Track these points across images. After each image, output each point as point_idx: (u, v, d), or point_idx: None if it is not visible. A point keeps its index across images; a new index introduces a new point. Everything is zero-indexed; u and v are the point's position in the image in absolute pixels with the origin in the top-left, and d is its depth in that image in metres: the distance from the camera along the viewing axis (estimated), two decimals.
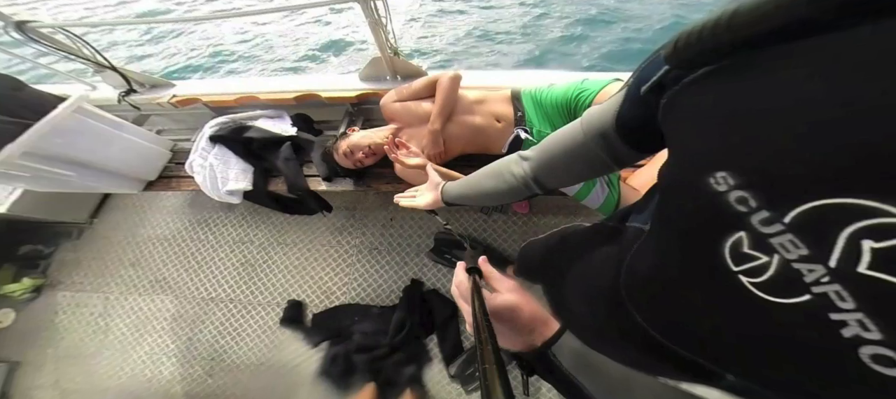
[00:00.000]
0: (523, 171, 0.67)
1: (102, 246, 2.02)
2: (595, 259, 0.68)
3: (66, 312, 1.90)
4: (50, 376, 1.78)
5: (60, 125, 1.40)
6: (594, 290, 0.65)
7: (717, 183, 0.29)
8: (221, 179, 1.67)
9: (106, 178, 1.65)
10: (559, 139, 0.61)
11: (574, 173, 0.63)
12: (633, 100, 0.44)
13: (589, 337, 0.79)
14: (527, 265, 1.23)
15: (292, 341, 1.74)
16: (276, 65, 4.53)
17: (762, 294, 0.29)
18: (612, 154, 0.52)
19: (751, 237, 0.29)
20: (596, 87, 1.32)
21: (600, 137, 0.52)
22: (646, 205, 0.55)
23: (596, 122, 0.53)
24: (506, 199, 0.76)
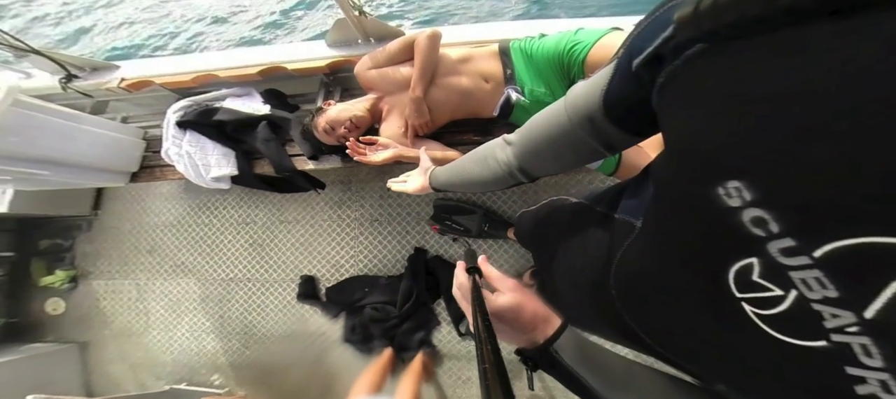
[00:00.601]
0: (507, 157, 0.60)
1: (115, 236, 2.05)
2: (582, 245, 0.64)
3: (107, 299, 2.04)
4: (115, 353, 2.01)
5: (4, 123, 1.26)
6: (580, 276, 0.63)
7: (728, 195, 0.24)
8: (203, 167, 1.57)
9: (84, 174, 1.58)
10: (542, 123, 0.53)
11: (562, 161, 0.55)
12: (623, 75, 0.37)
13: (573, 317, 0.80)
14: (520, 235, 1.20)
15: (314, 314, 1.85)
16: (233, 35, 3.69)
17: (768, 328, 0.26)
18: (602, 139, 0.45)
19: (764, 265, 0.24)
20: (590, 39, 1.11)
21: (587, 121, 0.44)
22: (638, 191, 0.49)
23: (581, 103, 0.45)
24: (492, 187, 0.69)
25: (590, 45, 1.11)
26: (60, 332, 2.08)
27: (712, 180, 0.24)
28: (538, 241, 0.90)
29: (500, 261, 1.75)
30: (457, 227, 1.77)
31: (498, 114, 1.32)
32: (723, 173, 0.24)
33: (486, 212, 1.75)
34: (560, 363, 0.42)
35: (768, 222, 0.23)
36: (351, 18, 1.32)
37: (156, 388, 1.94)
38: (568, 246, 0.68)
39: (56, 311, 2.07)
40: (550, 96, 1.22)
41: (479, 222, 1.74)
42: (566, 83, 1.21)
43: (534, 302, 0.47)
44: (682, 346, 0.38)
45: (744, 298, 0.26)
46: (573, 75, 1.18)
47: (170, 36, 3.92)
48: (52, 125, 1.42)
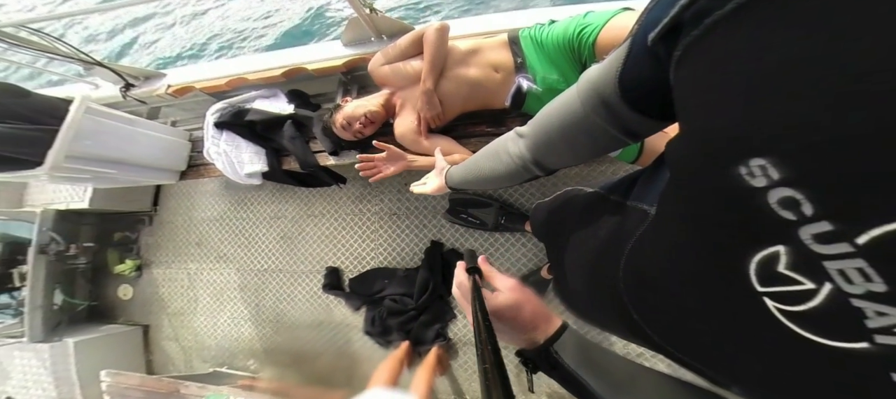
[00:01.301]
0: (520, 150, 0.56)
1: (170, 230, 2.25)
2: (594, 235, 0.60)
3: (165, 286, 2.25)
4: (170, 335, 2.21)
5: (82, 127, 1.42)
6: (590, 268, 0.58)
7: (750, 175, 0.21)
8: (238, 164, 1.68)
9: (143, 172, 1.74)
10: (554, 112, 0.49)
11: (579, 152, 0.51)
12: (639, 54, 0.34)
13: (583, 311, 0.71)
14: (535, 227, 1.16)
15: (338, 305, 1.90)
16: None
17: (795, 326, 0.22)
18: (621, 126, 0.41)
19: (793, 254, 0.21)
20: (600, 21, 1.04)
21: (602, 107, 0.40)
22: (653, 177, 0.45)
23: (595, 88, 0.41)
24: (507, 183, 0.66)
25: (599, 27, 1.05)
26: (129, 315, 2.33)
27: (733, 159, 0.21)
28: (551, 233, 0.86)
29: (517, 254, 1.67)
30: (473, 221, 1.73)
31: (509, 104, 1.28)
32: (745, 150, 0.21)
33: (502, 205, 1.69)
34: (560, 364, 0.41)
35: (800, 203, 0.19)
36: (363, 17, 1.34)
37: (202, 369, 2.11)
38: (580, 237, 0.63)
39: (126, 297, 2.33)
40: (563, 83, 1.16)
41: (495, 215, 1.68)
42: (578, 68, 1.14)
43: (534, 301, 0.46)
44: (693, 345, 0.34)
45: (766, 292, 0.23)
46: (585, 59, 1.11)
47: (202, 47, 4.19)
48: (116, 129, 1.59)
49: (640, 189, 0.46)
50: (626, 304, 0.43)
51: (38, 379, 2.16)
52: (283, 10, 3.84)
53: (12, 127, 1.36)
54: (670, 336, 0.38)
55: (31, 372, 2.18)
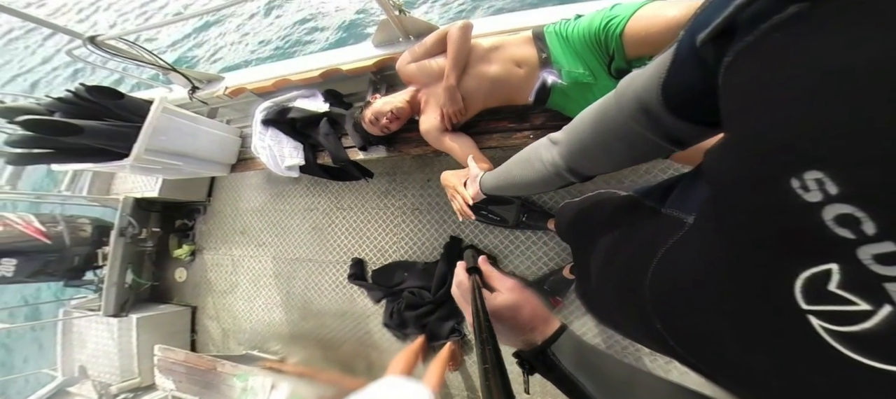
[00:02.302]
0: (553, 157, 0.54)
1: (220, 219, 2.46)
2: (624, 240, 0.56)
3: (213, 270, 2.44)
4: (213, 314, 2.37)
5: (159, 124, 1.61)
6: (617, 272, 0.55)
7: (804, 188, 0.20)
8: (279, 157, 1.80)
9: (202, 165, 1.92)
10: (590, 118, 0.47)
11: (616, 159, 0.48)
12: (684, 59, 0.32)
13: (604, 316, 0.69)
14: (561, 226, 1.11)
15: (360, 296, 1.93)
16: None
17: (843, 348, 0.21)
18: (663, 133, 0.39)
19: (848, 274, 0.20)
20: (627, 12, 0.99)
21: (642, 114, 0.38)
22: (693, 184, 0.43)
23: (635, 95, 0.39)
24: (541, 189, 0.65)
25: (627, 18, 1.00)
26: (181, 296, 2.54)
27: (785, 171, 0.20)
28: (579, 234, 0.83)
29: (539, 253, 1.60)
30: (493, 218, 1.69)
31: (534, 99, 1.26)
32: (799, 162, 0.19)
33: (523, 202, 1.64)
34: (557, 366, 0.40)
35: (861, 221, 0.18)
36: (392, 18, 1.42)
37: (236, 351, 2.22)
38: (609, 240, 0.61)
39: (180, 279, 2.55)
40: (590, 76, 1.11)
41: (516, 213, 1.63)
42: (606, 61, 1.09)
43: (532, 303, 0.45)
44: (718, 359, 0.33)
45: (812, 311, 0.22)
46: (612, 51, 1.06)
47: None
48: (184, 126, 1.78)
49: (679, 196, 0.44)
50: (650, 312, 0.42)
51: (106, 349, 2.41)
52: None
53: (110, 124, 1.60)
54: (694, 348, 0.36)
55: (101, 343, 2.44)
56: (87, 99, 1.60)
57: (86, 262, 2.45)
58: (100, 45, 1.60)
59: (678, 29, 0.97)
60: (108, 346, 2.41)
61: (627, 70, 1.09)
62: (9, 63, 6.48)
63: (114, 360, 2.36)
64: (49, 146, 1.56)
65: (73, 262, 2.42)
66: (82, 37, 1.56)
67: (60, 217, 2.41)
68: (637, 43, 0.99)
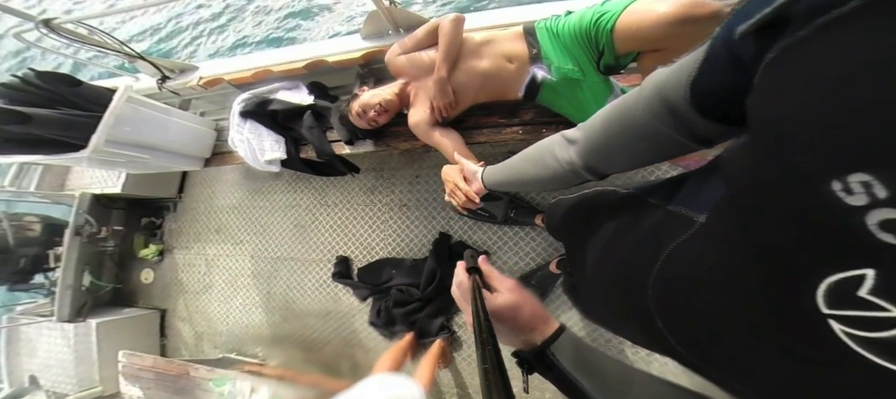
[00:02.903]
0: (570, 157, 0.52)
1: (193, 216, 2.30)
2: (625, 237, 0.55)
3: (184, 271, 2.28)
4: (185, 317, 2.22)
5: (122, 114, 1.48)
6: (617, 269, 0.54)
7: (847, 191, 0.19)
8: (259, 150, 1.71)
9: (172, 158, 1.79)
10: (612, 117, 0.46)
11: (638, 158, 0.47)
12: (718, 56, 0.31)
13: (597, 314, 0.68)
14: (553, 222, 1.11)
15: (345, 294, 1.87)
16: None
17: (863, 351, 0.21)
18: (689, 132, 0.37)
19: (885, 280, 0.19)
20: (618, 8, 0.98)
21: (668, 113, 0.37)
22: (704, 183, 0.42)
23: (661, 94, 0.38)
24: (552, 187, 0.63)
25: (617, 14, 1.00)
26: (148, 299, 2.36)
27: (827, 173, 0.20)
28: (574, 228, 0.82)
29: (526, 248, 1.62)
30: (482, 214, 1.69)
31: (523, 94, 1.25)
32: (846, 164, 0.19)
33: (512, 199, 1.65)
34: (556, 366, 0.40)
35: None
36: (382, 10, 1.37)
37: (212, 355, 2.09)
38: (608, 236, 0.61)
39: (147, 281, 2.37)
40: (579, 73, 1.12)
41: (505, 209, 1.64)
42: (595, 57, 1.09)
43: (532, 303, 0.45)
44: (728, 362, 0.33)
45: (833, 315, 0.22)
46: (602, 47, 1.06)
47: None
48: (152, 117, 1.65)
49: (688, 194, 0.43)
50: (651, 310, 0.42)
51: (61, 357, 2.20)
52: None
53: (64, 113, 1.44)
54: (698, 348, 0.36)
55: (55, 350, 2.22)
56: (37, 85, 1.44)
57: (34, 263, 2.23)
58: (56, 28, 1.45)
59: (669, 24, 0.98)
60: (62, 353, 2.20)
61: (616, 66, 1.12)
62: None
63: (69, 369, 2.16)
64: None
65: (19, 264, 2.19)
66: (35, 19, 1.41)
67: (3, 214, 2.17)
68: (627, 38, 1.00)
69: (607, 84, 1.16)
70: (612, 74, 1.16)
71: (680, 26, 0.88)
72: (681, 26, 0.88)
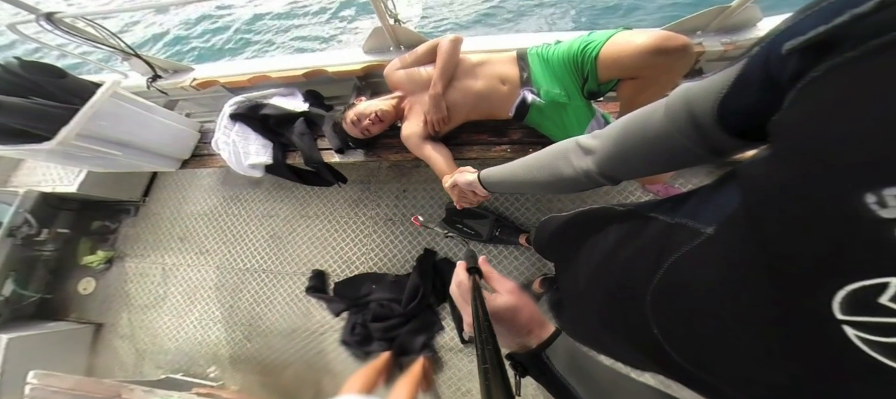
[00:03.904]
0: (586, 165, 0.53)
1: (155, 222, 2.10)
2: (622, 250, 0.55)
3: (134, 281, 2.02)
4: (126, 336, 1.93)
5: (102, 109, 1.41)
6: (613, 281, 0.54)
7: (881, 204, 0.19)
8: (243, 154, 1.64)
9: (146, 157, 1.67)
10: (634, 127, 0.46)
11: (656, 165, 0.48)
12: (752, 74, 0.31)
13: (575, 328, 0.66)
14: (541, 240, 1.10)
15: (318, 310, 1.72)
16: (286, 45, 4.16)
17: (880, 356, 0.21)
18: (708, 146, 0.38)
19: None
20: (602, 38, 1.08)
21: (692, 128, 0.38)
22: (712, 196, 0.42)
23: (687, 109, 0.38)
24: (563, 192, 0.64)
25: (601, 44, 1.10)
26: (83, 312, 2.04)
27: (860, 186, 0.20)
28: (568, 245, 0.82)
29: (509, 267, 1.60)
30: (468, 231, 1.68)
31: (513, 115, 1.31)
32: (881, 179, 0.20)
33: (498, 217, 1.67)
34: (550, 370, 0.40)
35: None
36: (387, 27, 1.45)
37: (153, 376, 1.80)
38: (608, 249, 0.61)
39: (86, 291, 2.06)
40: (565, 97, 1.20)
41: (490, 227, 1.65)
42: (581, 83, 1.18)
43: (531, 305, 0.45)
44: (732, 372, 0.33)
45: (849, 322, 0.22)
46: (586, 73, 1.15)
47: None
48: (133, 114, 1.57)
49: (694, 207, 0.43)
50: (648, 317, 0.42)
51: None
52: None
53: (35, 103, 1.35)
54: (699, 358, 0.36)
55: None
56: (16, 74, 1.35)
57: None
58: (57, 22, 1.41)
59: (645, 54, 1.10)
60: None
61: (598, 92, 1.23)
62: None
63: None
64: None
65: None
66: (38, 11, 1.37)
67: None
68: (609, 66, 1.09)
69: (590, 109, 1.25)
70: (594, 99, 1.27)
71: (654, 57, 0.99)
72: (654, 57, 0.99)
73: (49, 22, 1.41)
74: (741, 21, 1.35)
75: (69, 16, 1.43)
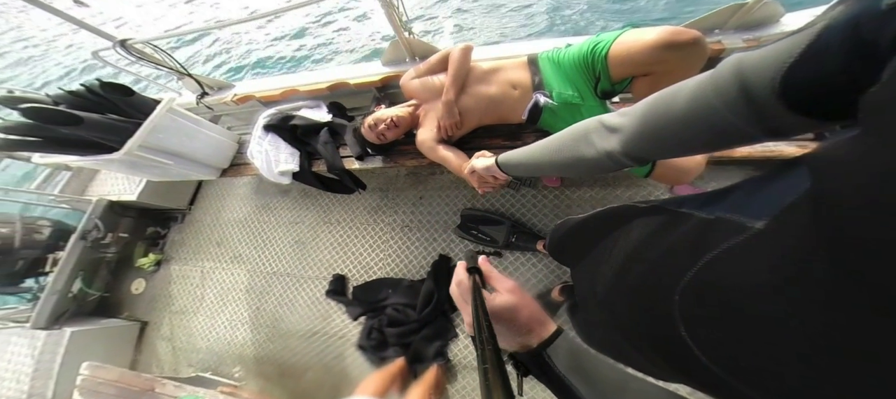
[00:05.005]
0: (610, 145, 0.48)
1: (198, 228, 2.25)
2: (651, 247, 0.51)
3: (177, 283, 2.16)
4: (166, 333, 2.04)
5: (160, 123, 1.56)
6: (637, 281, 0.50)
7: None
8: (274, 161, 1.73)
9: (193, 167, 1.80)
10: (672, 101, 0.40)
11: (693, 145, 0.41)
12: (831, 42, 0.26)
13: (600, 334, 0.62)
14: (555, 242, 1.03)
15: (337, 314, 1.72)
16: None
17: None
18: (764, 125, 0.32)
19: None
20: (611, 36, 1.05)
21: (744, 103, 0.32)
22: (763, 190, 0.37)
23: (739, 81, 0.32)
24: (584, 174, 0.61)
25: (611, 42, 1.07)
26: (133, 310, 2.20)
27: None
28: (583, 247, 0.77)
29: (527, 275, 1.51)
30: (483, 238, 1.62)
31: (526, 118, 1.28)
32: None
33: (514, 223, 1.60)
34: (552, 369, 0.39)
35: None
36: (402, 40, 1.50)
37: (186, 373, 1.88)
38: (631, 248, 0.56)
39: (137, 291, 2.23)
40: (578, 98, 1.16)
41: (506, 234, 1.58)
42: (593, 83, 1.14)
43: (531, 305, 0.44)
44: (765, 368, 0.30)
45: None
46: (598, 72, 1.12)
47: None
48: (185, 127, 1.71)
49: (740, 200, 0.39)
50: (675, 317, 0.39)
51: (16, 369, 1.97)
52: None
53: (108, 118, 1.53)
54: (731, 357, 0.33)
55: (15, 360, 2.00)
56: (97, 94, 1.55)
57: (30, 267, 2.12)
58: (129, 48, 1.61)
59: (655, 49, 1.03)
60: (21, 365, 1.96)
61: (611, 91, 1.16)
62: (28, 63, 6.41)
63: (22, 383, 1.91)
64: (41, 135, 1.46)
65: (15, 265, 2.09)
66: (114, 39, 1.56)
67: (18, 216, 2.15)
68: (620, 63, 1.05)
69: (604, 108, 1.20)
70: (609, 99, 1.20)
71: (665, 51, 0.94)
72: (665, 51, 0.94)
73: (123, 48, 1.59)
74: (762, 18, 1.27)
75: (139, 42, 1.61)
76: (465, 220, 1.67)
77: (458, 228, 1.67)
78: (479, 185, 1.04)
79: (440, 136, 1.35)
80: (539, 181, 1.66)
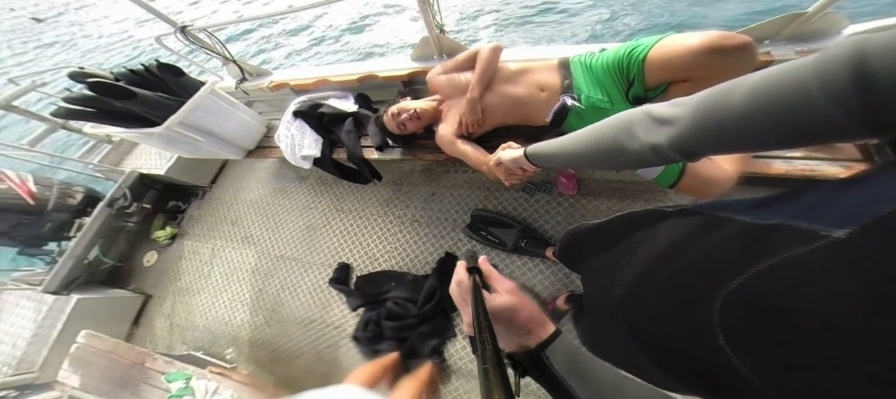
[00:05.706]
0: (657, 138, 0.44)
1: (216, 206, 2.28)
2: (683, 252, 0.47)
3: (187, 258, 2.16)
4: (167, 308, 2.02)
5: (202, 103, 1.65)
6: (665, 286, 0.47)
7: None
8: (298, 146, 1.77)
9: (222, 145, 1.86)
10: (755, 90, 0.34)
11: (763, 139, 0.36)
12: None
13: (617, 342, 0.59)
14: (566, 248, 0.98)
15: (337, 304, 1.67)
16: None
17: None
18: (874, 120, 0.27)
19: None
20: (650, 42, 1.01)
21: (857, 94, 0.26)
22: (841, 195, 0.33)
23: (856, 68, 0.27)
24: (618, 168, 0.58)
25: (650, 46, 1.03)
26: (140, 282, 2.20)
27: None
28: (598, 252, 0.73)
29: (534, 280, 1.43)
30: (492, 240, 1.57)
31: (551, 120, 1.25)
32: None
33: (525, 228, 1.54)
34: (549, 370, 0.39)
35: None
36: (433, 36, 1.55)
37: (179, 351, 1.83)
38: (650, 257, 0.53)
39: (148, 263, 2.25)
40: (608, 102, 1.12)
41: (516, 238, 1.52)
42: (625, 88, 1.11)
43: (530, 306, 0.44)
44: (831, 390, 0.28)
45: None
46: (632, 77, 1.08)
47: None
48: (221, 108, 1.79)
49: (814, 206, 0.35)
50: (714, 324, 0.36)
51: (17, 333, 1.97)
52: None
53: (157, 96, 1.63)
54: (783, 376, 0.31)
55: (18, 323, 2.02)
56: (152, 73, 1.66)
57: (57, 230, 2.19)
58: (188, 34, 1.73)
59: (699, 54, 0.98)
60: (20, 329, 1.96)
61: (644, 98, 1.12)
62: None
63: (18, 347, 1.90)
64: (97, 107, 1.57)
65: (44, 227, 2.16)
66: (176, 25, 1.66)
67: (57, 181, 2.26)
68: (658, 68, 1.01)
69: None
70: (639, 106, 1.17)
71: (710, 56, 0.89)
72: (711, 56, 0.89)
73: (183, 34, 1.69)
74: (820, 29, 1.16)
75: (196, 29, 1.70)
76: (476, 220, 1.63)
77: (468, 228, 1.62)
78: (505, 177, 0.97)
79: (460, 131, 1.34)
80: (554, 188, 1.61)
